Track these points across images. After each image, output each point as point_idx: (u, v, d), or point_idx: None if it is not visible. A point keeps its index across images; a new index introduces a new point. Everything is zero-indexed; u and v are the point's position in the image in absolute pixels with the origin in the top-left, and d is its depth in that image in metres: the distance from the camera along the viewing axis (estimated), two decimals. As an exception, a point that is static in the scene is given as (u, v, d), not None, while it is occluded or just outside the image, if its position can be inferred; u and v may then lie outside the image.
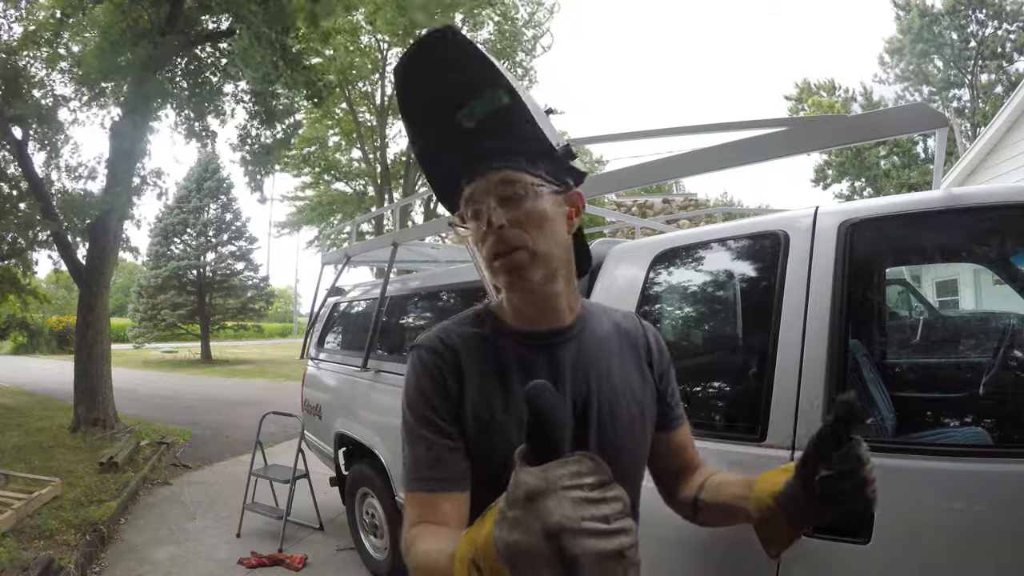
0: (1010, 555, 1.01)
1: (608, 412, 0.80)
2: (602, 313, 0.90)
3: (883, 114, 1.40)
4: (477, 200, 0.78)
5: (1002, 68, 20.87)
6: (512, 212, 0.76)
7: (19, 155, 6.45)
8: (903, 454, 1.16)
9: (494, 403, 0.77)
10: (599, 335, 0.85)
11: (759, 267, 1.53)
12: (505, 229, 0.75)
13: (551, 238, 0.77)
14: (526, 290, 0.78)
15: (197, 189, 20.10)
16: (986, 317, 2.90)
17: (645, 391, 0.86)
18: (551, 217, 0.78)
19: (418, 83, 0.79)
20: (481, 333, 0.82)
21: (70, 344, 13.92)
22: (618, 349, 0.86)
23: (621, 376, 0.83)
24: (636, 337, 0.89)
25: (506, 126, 0.78)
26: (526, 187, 0.77)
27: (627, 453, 0.82)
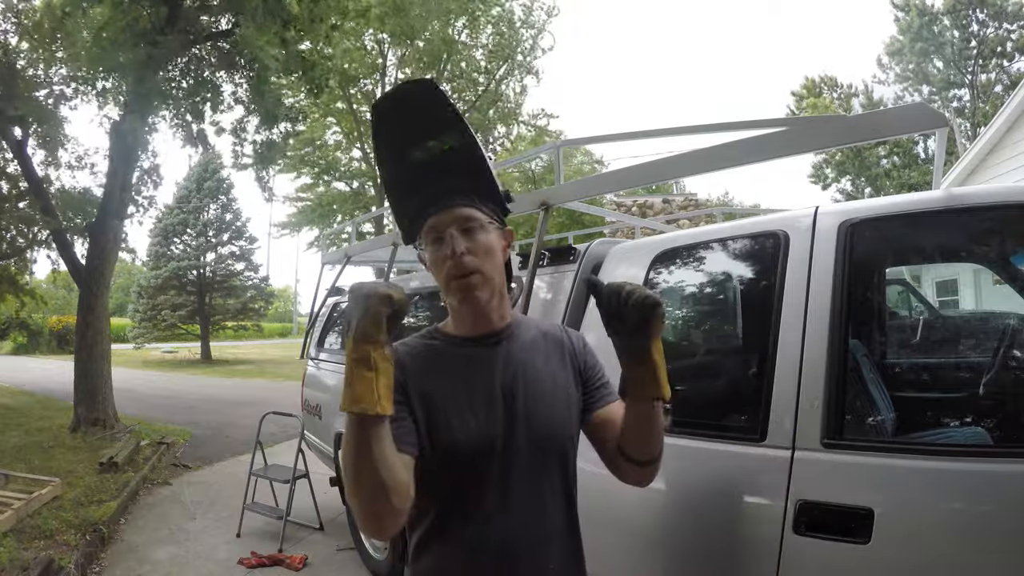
0: (1010, 555, 1.01)
1: (531, 390, 0.97)
2: (531, 323, 1.09)
3: (883, 114, 1.40)
4: (440, 229, 0.94)
5: (1002, 68, 20.88)
6: (470, 242, 0.93)
7: (18, 154, 6.45)
8: (903, 454, 1.16)
9: (438, 391, 0.95)
10: (526, 338, 1.03)
11: (759, 267, 1.53)
12: (465, 256, 0.92)
13: (496, 265, 0.96)
14: (475, 305, 0.95)
15: (197, 189, 20.11)
16: (986, 317, 2.90)
17: (568, 377, 1.03)
18: (496, 248, 0.97)
19: (396, 120, 0.97)
20: (429, 342, 1.02)
21: (70, 344, 13.92)
22: (543, 348, 1.04)
23: (544, 366, 1.01)
24: (560, 339, 1.07)
25: (468, 170, 0.98)
26: (482, 223, 0.95)
27: (545, 419, 0.97)
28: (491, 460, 0.93)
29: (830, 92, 24.35)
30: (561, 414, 0.98)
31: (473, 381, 0.96)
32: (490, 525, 0.92)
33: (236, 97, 7.36)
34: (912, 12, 21.53)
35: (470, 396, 0.95)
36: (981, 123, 17.82)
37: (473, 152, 0.98)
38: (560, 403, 0.99)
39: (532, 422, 0.95)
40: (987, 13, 20.52)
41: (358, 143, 18.16)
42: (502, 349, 0.99)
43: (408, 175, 1.00)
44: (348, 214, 18.21)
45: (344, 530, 3.51)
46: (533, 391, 0.97)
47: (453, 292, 0.94)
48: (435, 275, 0.97)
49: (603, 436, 1.01)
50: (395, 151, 1.00)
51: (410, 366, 0.96)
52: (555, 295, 2.07)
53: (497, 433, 0.93)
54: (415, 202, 0.99)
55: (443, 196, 0.96)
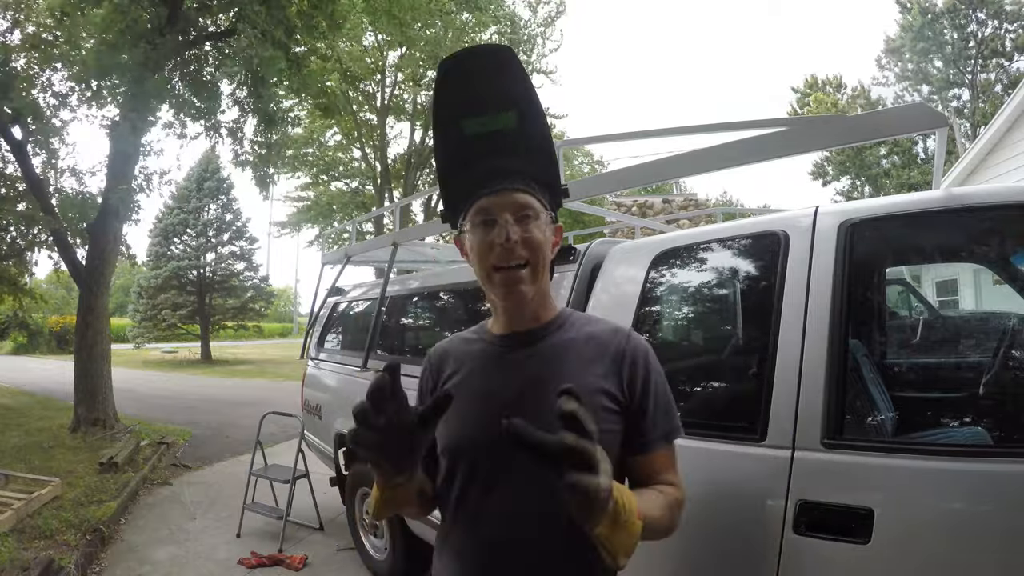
0: (1010, 555, 1.01)
1: (542, 392, 0.82)
2: (581, 323, 0.95)
3: (883, 114, 1.40)
4: (492, 212, 0.86)
5: (1002, 68, 20.88)
6: (523, 232, 0.86)
7: (18, 155, 6.45)
8: (903, 454, 1.16)
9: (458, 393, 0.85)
10: (563, 338, 0.92)
11: (759, 267, 1.53)
12: (516, 244, 0.84)
13: (544, 261, 0.89)
14: (519, 299, 0.88)
15: (197, 189, 20.09)
16: (986, 317, 2.90)
17: (603, 386, 0.86)
18: (548, 242, 0.89)
19: (460, 84, 0.89)
20: (470, 338, 0.98)
21: (70, 344, 13.91)
22: (579, 351, 0.90)
23: (569, 369, 0.87)
24: (607, 343, 0.91)
25: (532, 152, 0.90)
26: (537, 213, 0.88)
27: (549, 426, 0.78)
28: (479, 461, 0.87)
29: (834, 92, 24.34)
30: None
31: (491, 382, 0.90)
32: (478, 529, 0.87)
33: (235, 99, 7.37)
34: (913, 11, 21.53)
35: (479, 396, 0.89)
36: (981, 123, 17.81)
37: (541, 133, 0.90)
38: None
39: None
40: (987, 13, 20.52)
41: (358, 143, 18.15)
42: (533, 349, 0.91)
43: (463, 148, 0.91)
44: (348, 214, 18.21)
45: (344, 530, 3.51)
46: (542, 398, 0.81)
47: (496, 284, 0.87)
48: (475, 262, 0.88)
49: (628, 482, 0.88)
50: (453, 118, 0.91)
51: (438, 369, 0.96)
52: (555, 295, 2.07)
53: (485, 434, 0.84)
54: (467, 179, 0.90)
55: (501, 177, 0.87)
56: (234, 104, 7.42)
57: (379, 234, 12.34)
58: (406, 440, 0.72)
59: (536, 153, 0.90)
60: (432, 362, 1.01)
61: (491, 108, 0.88)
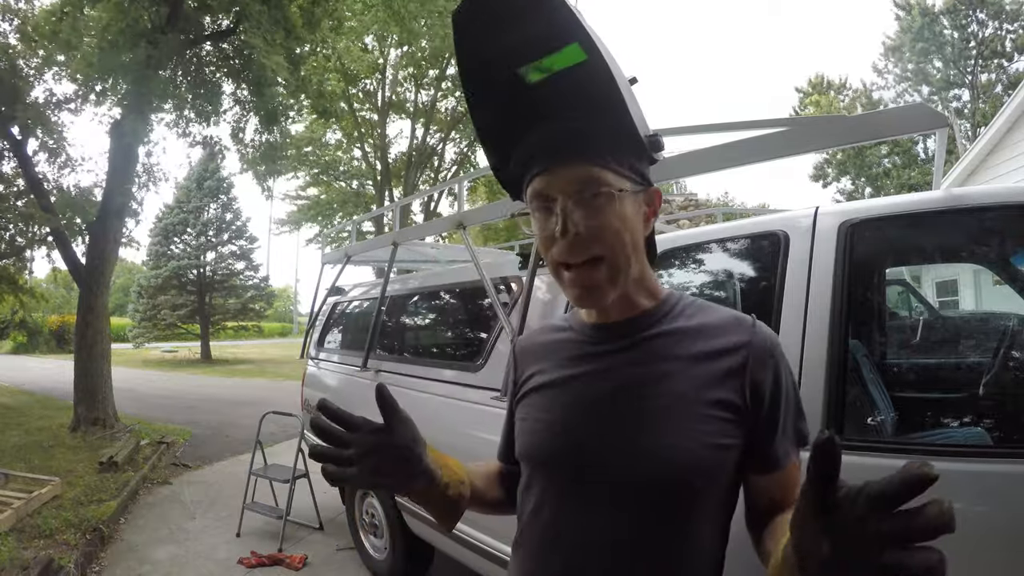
0: (1010, 555, 1.01)
1: (635, 404, 0.70)
2: (694, 310, 0.75)
3: (883, 114, 1.40)
4: (547, 195, 0.68)
5: (1002, 68, 20.87)
6: (590, 218, 0.66)
7: (17, 153, 6.45)
8: (903, 454, 1.16)
9: (539, 389, 0.80)
10: (670, 331, 0.73)
11: (759, 267, 1.53)
12: (580, 236, 0.66)
13: (629, 246, 0.68)
14: (596, 302, 0.71)
15: (197, 189, 20.10)
16: (986, 317, 2.90)
17: (713, 396, 0.68)
18: (632, 223, 0.69)
19: (480, 34, 0.68)
20: (558, 327, 0.84)
21: (69, 343, 13.92)
22: (689, 349, 0.71)
23: (682, 375, 0.70)
24: (728, 340, 0.71)
25: (591, 104, 0.67)
26: (610, 187, 0.66)
27: (639, 444, 0.68)
28: (557, 472, 0.74)
29: (837, 93, 24.33)
30: (667, 444, 0.67)
31: (577, 382, 0.76)
32: (542, 554, 0.74)
33: (236, 98, 7.37)
34: (913, 11, 21.52)
35: (563, 399, 0.76)
36: (981, 123, 17.81)
37: (607, 72, 0.64)
38: (673, 430, 0.67)
39: (619, 444, 0.69)
40: (987, 13, 20.51)
41: (358, 143, 18.15)
42: (630, 342, 0.73)
43: (500, 114, 0.73)
44: (348, 214, 18.21)
45: (344, 530, 3.51)
46: (637, 406, 0.70)
47: (565, 285, 0.71)
48: (542, 255, 0.72)
49: (751, 503, 0.74)
50: (480, 80, 0.72)
51: (522, 362, 0.85)
52: (555, 295, 2.07)
53: (567, 442, 0.73)
54: (514, 153, 0.73)
55: (552, 147, 0.68)
56: (235, 103, 7.43)
57: (379, 234, 12.34)
58: (388, 456, 0.69)
59: (601, 105, 0.67)
60: (516, 356, 0.89)
61: (551, 42, 0.64)
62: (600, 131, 0.68)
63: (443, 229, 3.02)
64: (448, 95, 17.79)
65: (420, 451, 0.72)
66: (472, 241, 2.53)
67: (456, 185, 3.17)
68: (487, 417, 2.10)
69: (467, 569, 2.27)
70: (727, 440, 0.68)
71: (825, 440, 0.43)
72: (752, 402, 0.69)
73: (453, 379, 2.39)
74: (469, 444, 2.18)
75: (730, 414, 0.68)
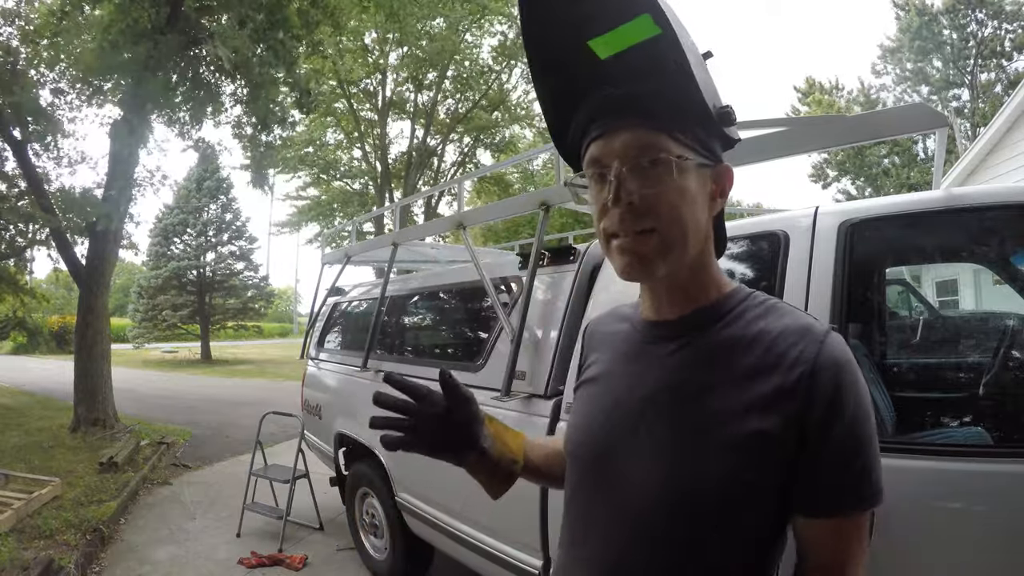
0: (1010, 555, 1.01)
1: (669, 417, 0.65)
2: (761, 314, 0.66)
3: (883, 114, 1.40)
4: (602, 163, 0.64)
5: (1002, 68, 20.87)
6: (646, 187, 0.61)
7: (18, 154, 6.45)
8: (903, 454, 1.16)
9: (594, 380, 0.78)
10: (725, 336, 0.66)
11: (759, 267, 1.53)
12: (634, 206, 0.61)
13: (688, 224, 0.63)
14: (644, 280, 0.67)
15: (197, 189, 20.11)
16: (986, 317, 2.89)
17: (754, 424, 0.60)
18: (692, 197, 0.63)
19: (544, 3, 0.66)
20: (624, 316, 0.80)
21: (69, 344, 13.88)
22: (741, 362, 0.63)
23: (725, 391, 0.63)
24: (786, 356, 0.61)
25: (651, 68, 0.61)
26: (670, 154, 0.61)
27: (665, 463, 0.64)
28: (588, 468, 0.72)
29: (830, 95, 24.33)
30: (681, 471, 0.63)
31: (624, 381, 0.72)
32: (569, 558, 0.74)
33: (236, 98, 7.37)
34: (912, 11, 21.53)
35: (606, 396, 0.73)
36: (981, 123, 17.82)
37: (672, 48, 0.59)
38: (692, 455, 0.62)
39: (638, 458, 0.66)
40: (986, 13, 20.51)
41: (358, 143, 18.15)
42: (682, 343, 0.67)
43: (563, 81, 0.69)
44: (348, 214, 18.21)
45: (344, 530, 3.51)
46: (666, 421, 0.65)
47: (612, 255, 0.66)
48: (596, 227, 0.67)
49: (797, 549, 0.66)
50: (545, 47, 0.68)
51: (588, 348, 0.83)
52: (555, 295, 2.07)
53: (600, 440, 0.71)
54: (574, 119, 0.68)
55: (610, 110, 0.64)
56: (235, 104, 7.42)
57: (379, 234, 12.34)
58: (445, 431, 0.75)
59: (666, 71, 0.61)
60: (584, 339, 0.88)
61: (624, 13, 0.60)
62: (663, 97, 0.62)
63: (443, 229, 3.02)
64: (448, 96, 17.81)
65: (477, 430, 0.76)
66: (472, 241, 2.53)
67: (456, 185, 3.17)
68: (487, 417, 2.09)
69: (467, 569, 2.27)
70: (754, 475, 0.60)
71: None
72: (798, 433, 0.59)
73: (453, 379, 2.38)
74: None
75: (768, 446, 0.60)
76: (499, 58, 16.75)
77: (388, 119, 17.69)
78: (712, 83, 0.64)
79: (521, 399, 1.96)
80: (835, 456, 0.59)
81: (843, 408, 0.59)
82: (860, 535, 0.62)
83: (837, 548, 0.62)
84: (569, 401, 1.77)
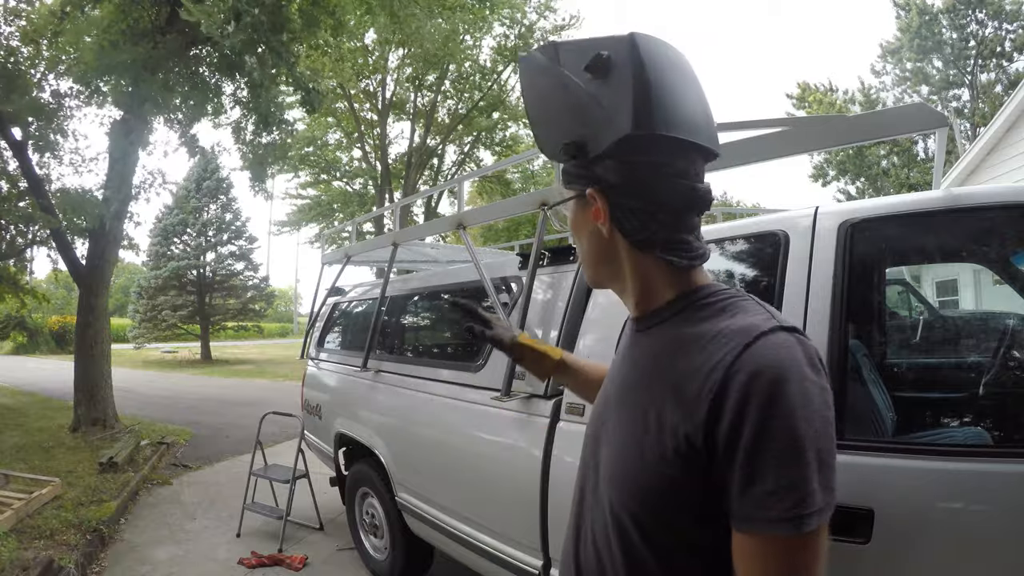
0: (1010, 555, 1.01)
1: (620, 408, 0.72)
2: (710, 314, 0.67)
3: (883, 114, 1.40)
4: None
5: (1002, 68, 20.86)
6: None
7: (18, 154, 6.45)
8: (903, 454, 1.16)
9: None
10: (671, 336, 0.68)
11: (759, 267, 1.53)
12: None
13: (584, 246, 0.77)
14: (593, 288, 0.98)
15: (197, 189, 20.11)
16: (986, 317, 2.89)
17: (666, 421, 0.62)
18: (577, 224, 0.76)
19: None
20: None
21: (69, 344, 13.92)
22: (675, 362, 0.64)
23: (654, 391, 0.66)
24: (712, 359, 0.60)
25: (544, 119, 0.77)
26: (566, 195, 0.78)
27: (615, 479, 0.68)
28: (585, 449, 0.80)
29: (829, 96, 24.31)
30: (623, 456, 0.68)
31: (612, 371, 0.80)
32: (568, 541, 0.81)
33: (236, 98, 7.37)
34: (912, 11, 21.52)
35: (605, 387, 0.81)
36: (981, 123, 17.82)
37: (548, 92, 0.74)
38: (631, 443, 0.67)
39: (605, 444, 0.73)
40: (987, 13, 20.51)
41: (358, 143, 18.15)
42: (641, 339, 0.74)
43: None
44: (348, 214, 18.21)
45: (344, 530, 3.51)
46: (620, 411, 0.72)
47: None
48: None
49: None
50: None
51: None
52: (555, 295, 2.07)
53: (588, 435, 0.80)
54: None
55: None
56: (235, 104, 7.42)
57: (379, 234, 12.34)
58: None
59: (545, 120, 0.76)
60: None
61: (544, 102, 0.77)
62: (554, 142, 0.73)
63: (443, 229, 3.02)
64: (449, 97, 17.80)
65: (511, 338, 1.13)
66: (472, 241, 2.53)
67: (456, 185, 3.17)
68: (487, 418, 2.10)
69: (467, 569, 2.27)
70: (673, 472, 0.61)
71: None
72: (710, 441, 0.58)
73: (453, 379, 2.38)
74: (470, 444, 2.18)
75: (688, 449, 0.59)
76: (498, 59, 16.76)
77: (388, 119, 17.68)
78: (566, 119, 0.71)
79: (521, 399, 1.95)
80: (744, 468, 0.56)
81: (752, 418, 0.55)
82: (787, 561, 0.55)
83: (753, 569, 0.57)
84: (570, 401, 1.77)
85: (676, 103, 0.66)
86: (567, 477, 1.66)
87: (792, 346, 0.59)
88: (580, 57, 0.67)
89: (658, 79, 0.64)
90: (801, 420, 0.55)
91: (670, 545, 0.63)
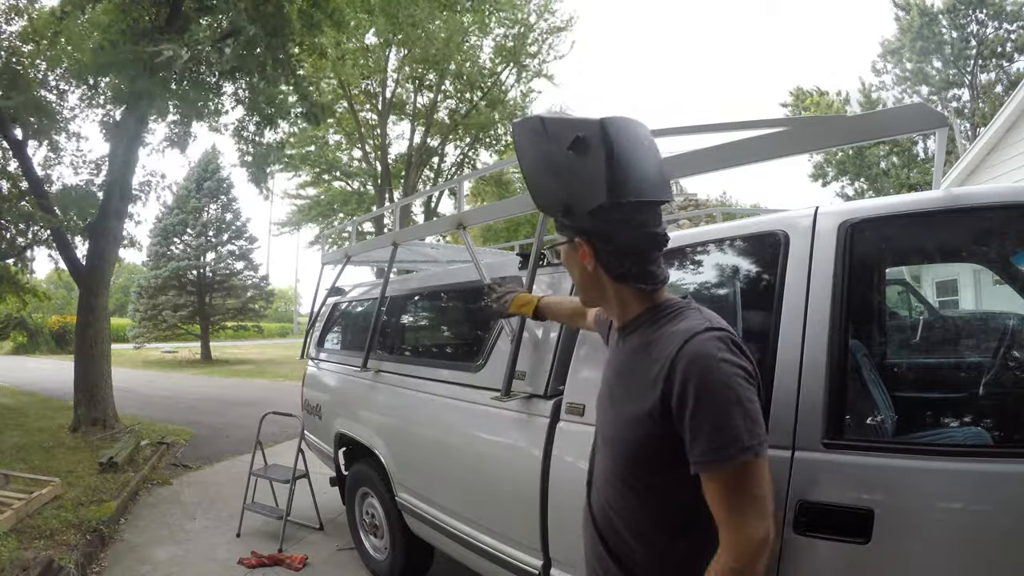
0: (1010, 555, 1.01)
1: (614, 389, 1.05)
2: (664, 322, 0.97)
3: (883, 114, 1.40)
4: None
5: (1002, 68, 20.86)
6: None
7: (18, 154, 6.45)
8: (903, 454, 1.16)
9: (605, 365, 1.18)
10: (637, 343, 1.00)
11: (759, 267, 1.53)
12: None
13: (576, 279, 1.08)
14: (587, 307, 1.38)
15: (197, 189, 20.10)
16: (986, 317, 2.89)
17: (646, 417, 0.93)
18: (569, 261, 1.06)
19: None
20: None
21: (69, 344, 13.92)
22: (642, 362, 0.97)
23: (631, 386, 0.98)
24: (663, 354, 0.92)
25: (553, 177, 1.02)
26: (560, 242, 1.07)
27: (610, 419, 1.06)
28: (595, 437, 1.16)
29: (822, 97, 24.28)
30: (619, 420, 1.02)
31: (606, 365, 1.14)
32: (588, 491, 1.14)
33: (237, 98, 7.36)
34: (913, 12, 21.51)
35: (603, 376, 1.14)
36: (981, 123, 17.82)
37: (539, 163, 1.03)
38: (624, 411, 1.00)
39: (609, 415, 1.07)
40: (987, 13, 20.50)
41: (358, 143, 18.13)
42: (624, 342, 1.05)
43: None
44: (348, 214, 18.20)
45: (344, 530, 3.51)
46: (615, 391, 1.05)
47: None
48: None
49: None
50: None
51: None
52: (554, 295, 2.07)
53: (597, 412, 1.14)
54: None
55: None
56: (236, 104, 7.42)
57: (379, 234, 12.33)
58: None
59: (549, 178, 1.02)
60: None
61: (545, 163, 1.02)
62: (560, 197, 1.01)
63: (443, 229, 3.02)
64: (449, 97, 17.79)
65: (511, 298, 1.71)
66: (472, 241, 2.53)
67: (456, 185, 3.17)
68: (487, 418, 2.10)
69: (467, 569, 2.27)
70: (649, 429, 0.93)
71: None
72: (667, 409, 0.89)
73: (453, 379, 2.39)
74: (470, 444, 2.18)
75: (654, 414, 0.91)
76: (498, 59, 16.76)
77: (389, 120, 17.67)
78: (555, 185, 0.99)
79: (521, 399, 1.96)
80: (693, 425, 0.86)
81: (690, 391, 0.86)
82: (736, 487, 0.84)
83: (718, 501, 0.86)
84: (570, 401, 1.77)
85: (639, 173, 0.92)
86: (567, 477, 1.67)
87: (715, 340, 0.89)
88: (562, 130, 0.92)
89: (624, 156, 0.90)
90: (724, 387, 0.85)
91: (647, 483, 0.97)
